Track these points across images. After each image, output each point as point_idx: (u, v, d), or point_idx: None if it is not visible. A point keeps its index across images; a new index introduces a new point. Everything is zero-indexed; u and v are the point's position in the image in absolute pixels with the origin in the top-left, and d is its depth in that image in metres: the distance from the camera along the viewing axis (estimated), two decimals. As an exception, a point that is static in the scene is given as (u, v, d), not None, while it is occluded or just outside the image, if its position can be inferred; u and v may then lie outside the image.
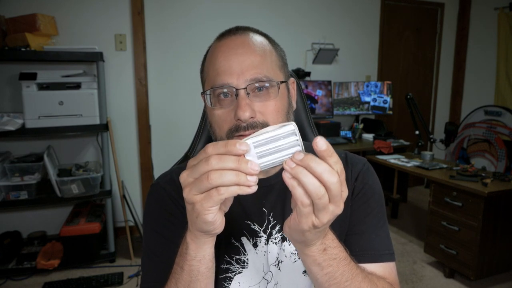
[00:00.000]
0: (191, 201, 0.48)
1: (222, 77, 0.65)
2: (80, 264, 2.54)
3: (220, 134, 0.68)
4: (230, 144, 0.45)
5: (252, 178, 0.45)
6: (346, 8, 3.66)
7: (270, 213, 0.74)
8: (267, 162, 0.48)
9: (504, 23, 3.79)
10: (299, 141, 0.47)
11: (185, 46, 3.08)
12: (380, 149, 3.20)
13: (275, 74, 0.68)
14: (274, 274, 0.74)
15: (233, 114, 0.64)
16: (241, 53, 0.65)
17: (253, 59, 0.65)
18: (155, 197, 0.77)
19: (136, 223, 2.88)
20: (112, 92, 2.88)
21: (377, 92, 3.60)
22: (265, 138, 0.47)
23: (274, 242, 0.74)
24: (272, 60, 0.69)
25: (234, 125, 0.65)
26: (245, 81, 0.64)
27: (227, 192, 0.45)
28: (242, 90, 0.64)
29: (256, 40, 0.68)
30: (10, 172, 2.36)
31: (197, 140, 0.98)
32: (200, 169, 0.46)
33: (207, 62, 0.71)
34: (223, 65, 0.65)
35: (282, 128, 0.47)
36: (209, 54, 0.71)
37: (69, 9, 2.70)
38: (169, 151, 3.13)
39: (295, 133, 0.47)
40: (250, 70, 0.64)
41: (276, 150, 0.47)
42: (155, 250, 0.73)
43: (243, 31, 0.69)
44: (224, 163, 0.45)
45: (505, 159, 3.37)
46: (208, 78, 0.69)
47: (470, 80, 4.27)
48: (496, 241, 2.30)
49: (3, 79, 2.61)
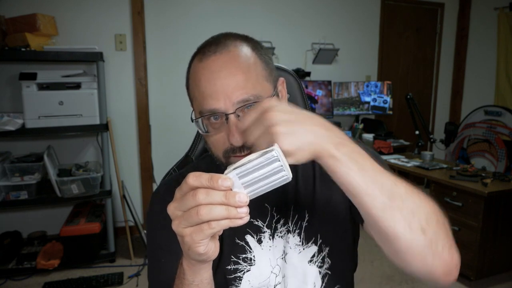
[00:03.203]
0: (180, 234, 0.47)
1: (209, 102, 0.63)
2: (80, 264, 2.54)
3: (217, 154, 0.68)
4: (213, 180, 0.44)
5: (242, 210, 0.45)
6: (346, 8, 3.66)
7: (273, 208, 0.75)
8: (255, 191, 0.47)
9: (504, 23, 3.79)
10: (283, 166, 0.46)
11: (185, 46, 3.08)
12: (380, 149, 3.20)
13: (263, 88, 0.65)
14: (281, 267, 0.75)
15: (226, 137, 0.64)
16: (224, 75, 0.63)
17: (238, 79, 0.63)
18: (155, 209, 0.78)
19: (136, 223, 2.87)
20: (112, 92, 2.87)
21: (377, 92, 3.60)
22: (249, 168, 0.46)
23: (279, 236, 0.75)
24: (257, 73, 0.65)
25: (229, 147, 0.64)
26: (232, 104, 0.62)
27: (218, 226, 0.45)
28: (232, 115, 0.62)
29: (239, 55, 0.65)
30: (10, 172, 2.36)
31: (197, 140, 0.98)
32: (187, 203, 0.45)
33: (191, 81, 0.69)
34: (208, 90, 0.63)
35: (265, 155, 0.46)
36: (192, 74, 0.68)
37: (69, 9, 2.70)
38: (169, 151, 3.13)
39: (278, 159, 0.46)
40: (236, 92, 0.62)
41: (262, 178, 0.46)
42: (156, 262, 0.74)
43: (223, 47, 0.65)
44: (212, 198, 0.44)
45: (505, 159, 3.36)
46: (195, 100, 0.68)
47: (470, 80, 4.27)
48: (496, 241, 2.30)
49: (3, 79, 2.61)
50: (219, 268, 0.73)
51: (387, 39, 3.95)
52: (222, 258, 0.73)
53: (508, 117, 3.43)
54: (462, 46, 4.27)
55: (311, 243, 0.75)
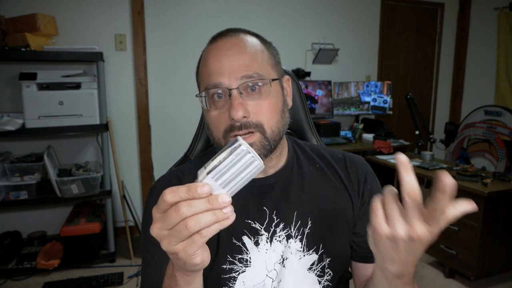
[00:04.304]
0: (173, 251, 0.46)
1: (214, 77, 0.66)
2: (80, 264, 2.54)
3: (217, 135, 0.69)
4: (192, 190, 0.44)
5: (228, 210, 0.45)
6: (346, 8, 3.66)
7: (273, 211, 0.75)
8: (233, 187, 0.47)
9: (504, 23, 3.79)
10: (255, 156, 0.47)
11: (185, 46, 3.08)
12: (380, 149, 3.20)
13: (267, 72, 0.69)
14: (278, 272, 0.74)
15: (228, 115, 0.65)
16: (231, 53, 0.67)
17: (244, 58, 0.67)
18: (152, 204, 0.77)
19: (136, 223, 2.88)
20: (112, 92, 2.88)
21: (377, 92, 3.60)
22: (222, 169, 0.46)
23: (278, 240, 0.74)
24: (263, 58, 0.70)
25: (228, 125, 0.66)
26: (236, 79, 0.65)
27: (209, 233, 0.44)
28: (235, 90, 0.65)
29: (247, 41, 0.70)
30: (10, 172, 2.36)
31: (196, 140, 0.98)
32: (171, 220, 0.44)
33: (200, 65, 0.73)
34: (214, 66, 0.67)
35: (235, 152, 0.47)
36: (202, 57, 0.73)
37: (69, 9, 2.70)
38: (169, 151, 3.13)
39: (248, 151, 0.47)
40: (241, 69, 0.66)
41: (237, 174, 0.47)
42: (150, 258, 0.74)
43: (234, 33, 0.70)
44: (196, 207, 0.43)
45: (505, 159, 3.36)
46: (202, 80, 0.71)
47: (470, 80, 4.27)
48: (496, 241, 2.30)
49: (3, 79, 2.61)
50: (214, 267, 0.73)
51: (387, 39, 3.95)
52: (218, 257, 0.73)
53: (508, 117, 3.43)
54: (462, 46, 4.27)
55: (312, 251, 0.75)
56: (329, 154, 0.84)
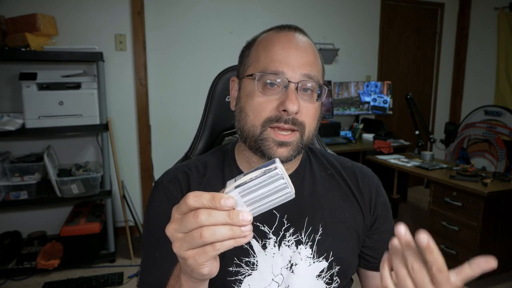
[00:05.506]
0: (183, 256, 0.45)
1: (277, 64, 0.66)
2: (80, 264, 2.54)
3: (254, 121, 0.67)
4: (216, 200, 0.42)
5: (246, 228, 0.43)
6: (346, 8, 3.66)
7: (284, 215, 0.74)
8: (257, 208, 0.45)
9: (504, 23, 3.79)
10: (287, 184, 0.45)
11: (185, 46, 3.08)
12: (380, 149, 3.20)
13: (321, 78, 0.71)
14: (285, 277, 0.73)
15: (277, 104, 0.65)
16: (300, 48, 0.68)
17: (310, 57, 0.68)
18: (157, 198, 0.76)
19: (136, 223, 2.88)
20: (112, 92, 2.88)
21: (377, 92, 3.60)
22: (251, 186, 0.44)
23: (287, 245, 0.73)
24: (320, 66, 0.72)
25: (275, 115, 0.66)
26: (299, 75, 0.66)
27: (222, 247, 0.43)
28: (294, 84, 0.65)
29: (312, 43, 0.72)
30: (10, 172, 2.36)
31: (197, 140, 0.98)
32: (188, 224, 0.43)
33: (259, 47, 0.70)
34: (280, 54, 0.67)
35: (269, 173, 0.44)
36: (262, 40, 0.71)
37: (69, 9, 2.70)
38: (169, 151, 3.13)
39: (282, 177, 0.45)
40: (306, 66, 0.67)
41: (265, 196, 0.45)
42: (151, 253, 0.73)
43: (300, 31, 0.72)
44: (215, 218, 0.42)
45: (505, 159, 3.36)
46: (257, 63, 0.69)
47: (470, 80, 4.27)
48: (496, 241, 2.30)
49: (3, 79, 2.61)
50: (220, 269, 0.72)
51: (387, 39, 3.95)
52: (225, 259, 0.72)
53: (508, 117, 3.43)
54: (462, 46, 4.27)
55: (322, 258, 0.74)
56: (338, 162, 0.84)
